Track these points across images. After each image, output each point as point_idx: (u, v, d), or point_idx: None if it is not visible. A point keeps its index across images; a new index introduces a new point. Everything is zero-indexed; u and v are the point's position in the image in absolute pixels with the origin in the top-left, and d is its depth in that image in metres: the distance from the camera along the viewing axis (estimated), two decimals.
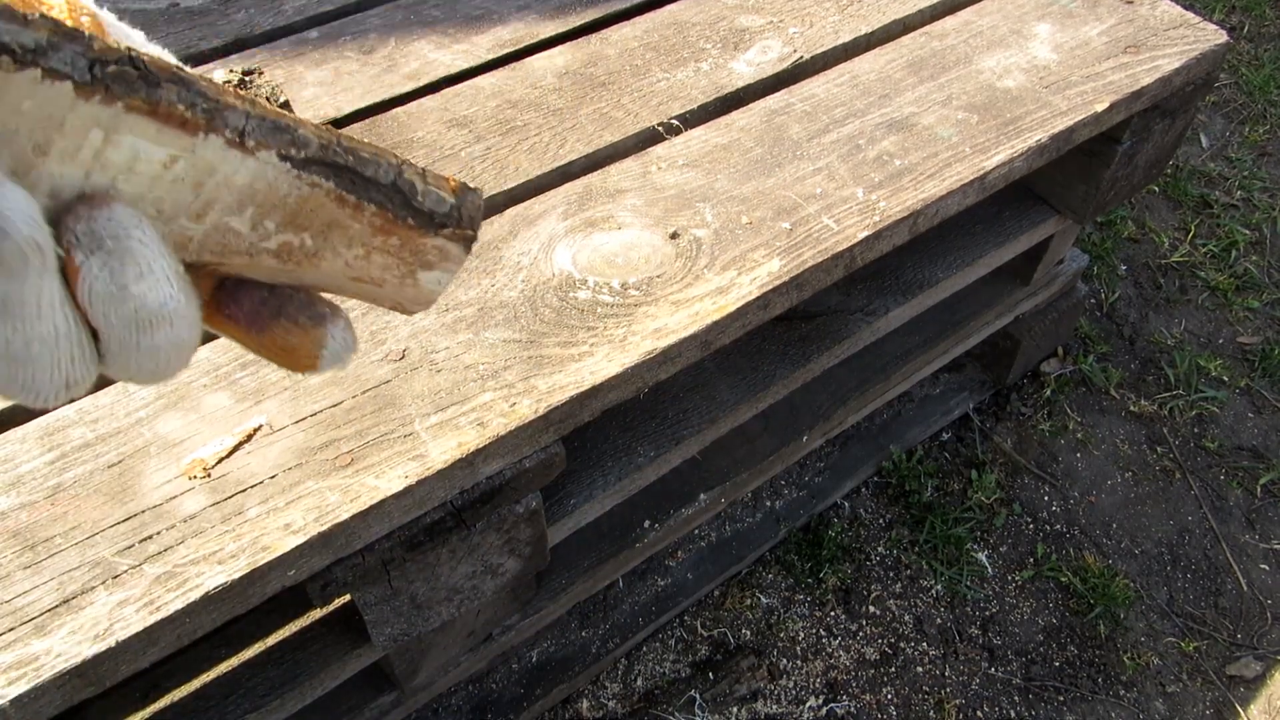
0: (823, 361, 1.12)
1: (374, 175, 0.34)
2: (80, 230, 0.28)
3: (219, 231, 0.32)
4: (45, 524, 0.66)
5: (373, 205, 0.34)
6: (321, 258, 0.35)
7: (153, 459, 0.70)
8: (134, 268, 0.28)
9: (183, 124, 0.29)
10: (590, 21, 1.11)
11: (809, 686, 1.37)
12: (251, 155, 0.30)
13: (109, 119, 0.28)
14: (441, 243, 0.36)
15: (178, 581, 0.63)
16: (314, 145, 0.32)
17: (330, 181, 0.33)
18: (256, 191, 0.32)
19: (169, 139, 0.29)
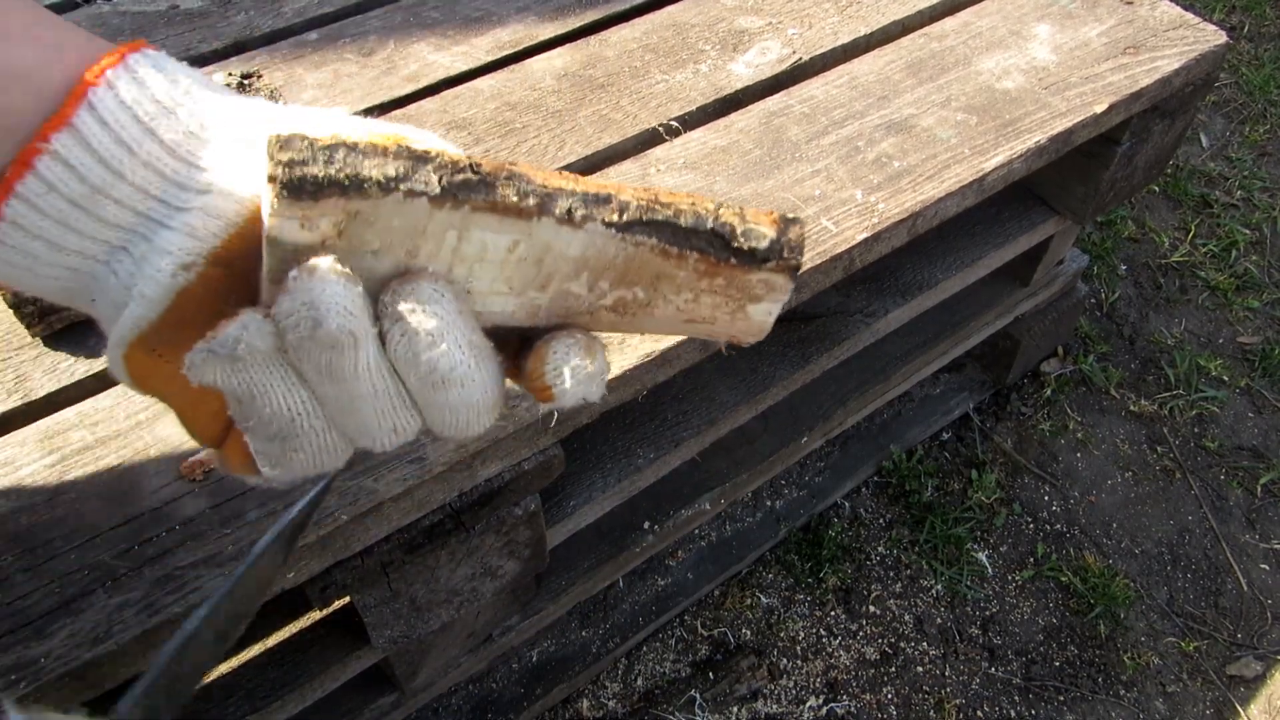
0: (822, 363, 1.12)
1: (692, 225, 0.36)
2: (388, 302, 0.33)
3: (561, 297, 0.37)
4: (45, 527, 0.66)
5: (695, 253, 0.37)
6: (654, 306, 0.38)
7: (152, 462, 0.70)
8: (426, 337, 0.32)
9: (519, 213, 0.33)
10: (589, 23, 1.11)
11: (809, 686, 1.37)
12: (580, 228, 0.35)
13: (460, 220, 0.33)
14: (766, 276, 0.38)
15: (177, 584, 0.64)
16: (633, 208, 0.35)
17: (652, 238, 0.36)
18: (589, 258, 0.36)
19: (509, 227, 0.34)
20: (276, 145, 0.30)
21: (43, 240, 0.32)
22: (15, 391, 0.75)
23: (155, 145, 0.33)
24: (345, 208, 0.32)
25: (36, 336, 0.78)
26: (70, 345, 0.78)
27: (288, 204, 0.31)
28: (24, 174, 0.31)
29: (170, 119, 0.33)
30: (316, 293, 0.30)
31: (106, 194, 0.32)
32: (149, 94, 0.33)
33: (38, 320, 0.76)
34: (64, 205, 0.32)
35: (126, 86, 0.32)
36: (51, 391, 0.75)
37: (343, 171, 0.31)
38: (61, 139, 0.31)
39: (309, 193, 0.31)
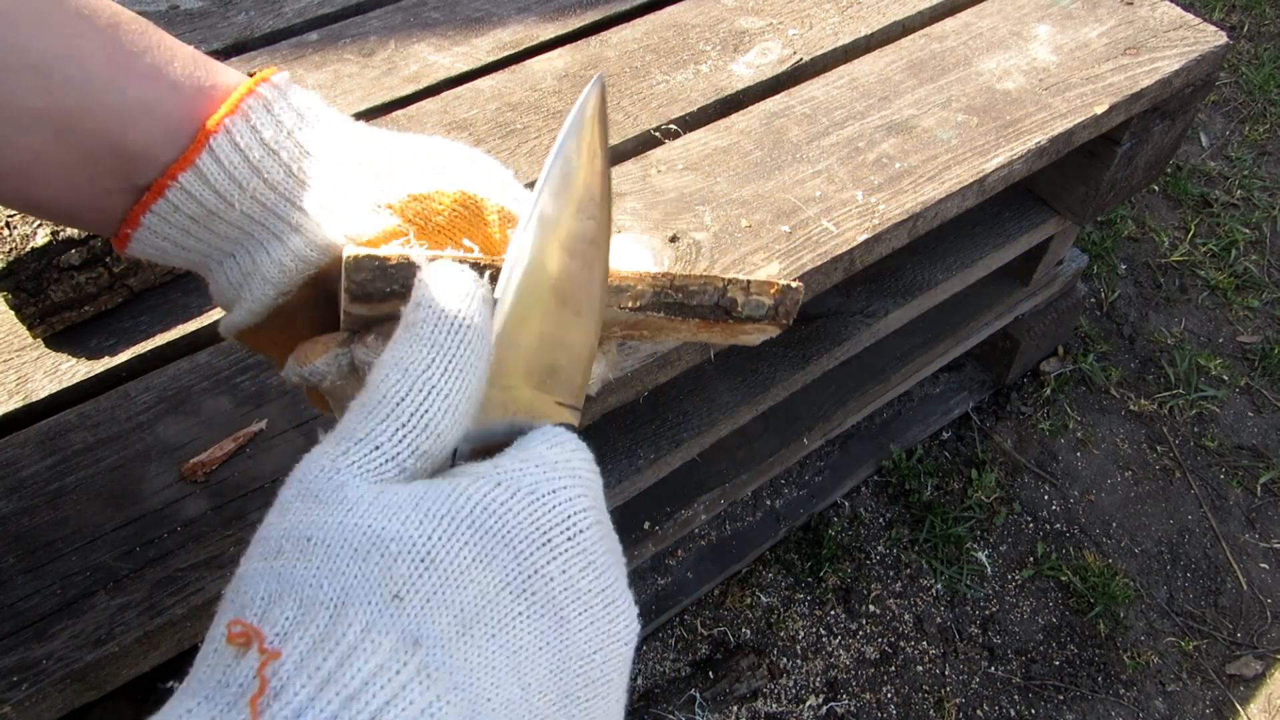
0: (823, 363, 1.12)
1: (699, 301, 0.44)
2: None
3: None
4: (46, 528, 0.66)
5: (696, 318, 0.44)
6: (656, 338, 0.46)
7: (153, 463, 0.70)
8: None
9: None
10: (590, 23, 1.11)
11: (809, 685, 1.37)
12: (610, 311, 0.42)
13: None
14: (759, 326, 0.46)
15: (178, 586, 0.64)
16: (647, 296, 0.43)
17: (660, 313, 0.43)
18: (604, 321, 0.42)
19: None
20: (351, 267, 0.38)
21: (170, 242, 0.41)
22: (16, 393, 0.75)
23: (259, 182, 0.41)
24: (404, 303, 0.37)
25: (38, 338, 0.78)
26: (71, 347, 0.78)
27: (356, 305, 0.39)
28: (157, 199, 0.39)
29: (275, 160, 0.41)
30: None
31: (220, 217, 0.41)
32: (259, 138, 0.40)
33: (39, 322, 0.76)
34: (186, 221, 0.40)
35: (241, 134, 0.40)
36: (53, 393, 0.75)
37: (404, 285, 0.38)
38: (187, 176, 0.39)
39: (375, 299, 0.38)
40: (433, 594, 0.27)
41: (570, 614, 0.30)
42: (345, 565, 0.27)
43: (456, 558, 0.28)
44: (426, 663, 0.26)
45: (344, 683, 0.25)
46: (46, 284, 0.74)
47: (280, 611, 0.26)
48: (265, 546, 0.29)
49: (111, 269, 0.77)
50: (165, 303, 0.82)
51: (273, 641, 0.26)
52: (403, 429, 0.31)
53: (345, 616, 0.26)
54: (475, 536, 0.29)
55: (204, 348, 0.78)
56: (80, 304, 0.77)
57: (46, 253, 0.73)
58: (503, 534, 0.29)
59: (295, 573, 0.27)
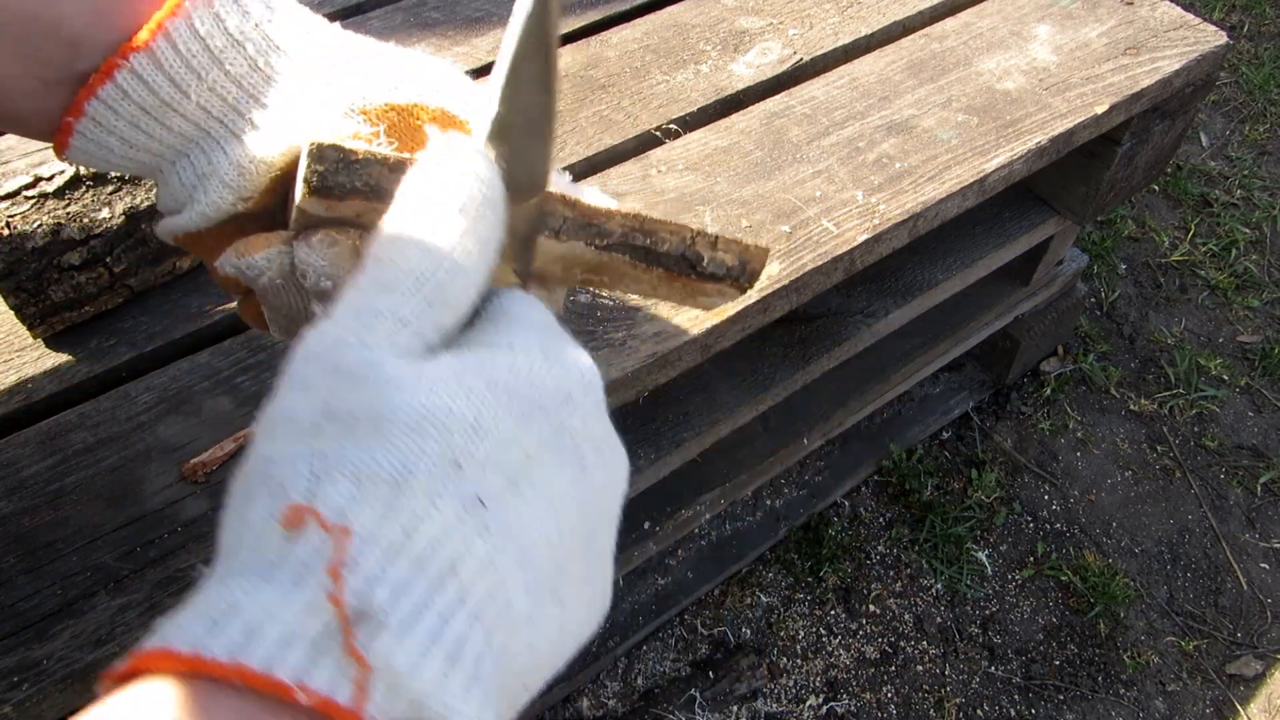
0: (823, 363, 1.12)
1: (666, 250, 0.44)
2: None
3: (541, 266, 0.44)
4: (47, 528, 0.66)
5: (660, 268, 0.44)
6: (614, 288, 0.46)
7: (153, 463, 0.70)
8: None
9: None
10: (590, 23, 1.11)
11: (809, 685, 1.37)
12: (563, 243, 0.42)
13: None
14: (719, 287, 0.46)
15: (179, 586, 0.64)
16: (615, 235, 0.43)
17: (626, 255, 0.43)
18: (566, 256, 0.43)
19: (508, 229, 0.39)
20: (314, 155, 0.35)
21: (116, 136, 0.39)
22: (17, 393, 0.75)
23: (221, 74, 0.39)
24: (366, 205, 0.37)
25: (38, 338, 0.78)
26: (72, 347, 0.78)
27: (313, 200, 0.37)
28: (104, 81, 0.37)
29: (239, 51, 0.39)
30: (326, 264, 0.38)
31: (174, 108, 0.39)
32: (222, 27, 0.38)
33: (39, 322, 0.76)
34: (136, 111, 0.38)
35: (201, 20, 0.38)
36: (53, 393, 0.75)
37: (368, 184, 0.36)
38: (138, 58, 0.37)
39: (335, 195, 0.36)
40: (486, 459, 0.29)
41: (588, 458, 0.33)
42: (401, 440, 0.28)
43: (502, 424, 0.30)
44: (484, 519, 0.28)
45: (414, 549, 0.26)
46: (47, 284, 0.74)
47: (334, 489, 0.27)
48: (295, 426, 0.29)
49: (112, 269, 0.77)
50: (165, 303, 0.82)
51: (333, 519, 0.26)
52: (429, 306, 0.31)
53: (408, 487, 0.27)
54: (515, 404, 0.31)
55: (204, 348, 0.78)
56: (80, 304, 0.77)
57: (46, 253, 0.73)
58: (536, 398, 0.32)
59: (344, 451, 0.27)
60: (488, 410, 0.30)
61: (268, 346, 0.77)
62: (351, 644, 0.24)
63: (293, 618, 0.24)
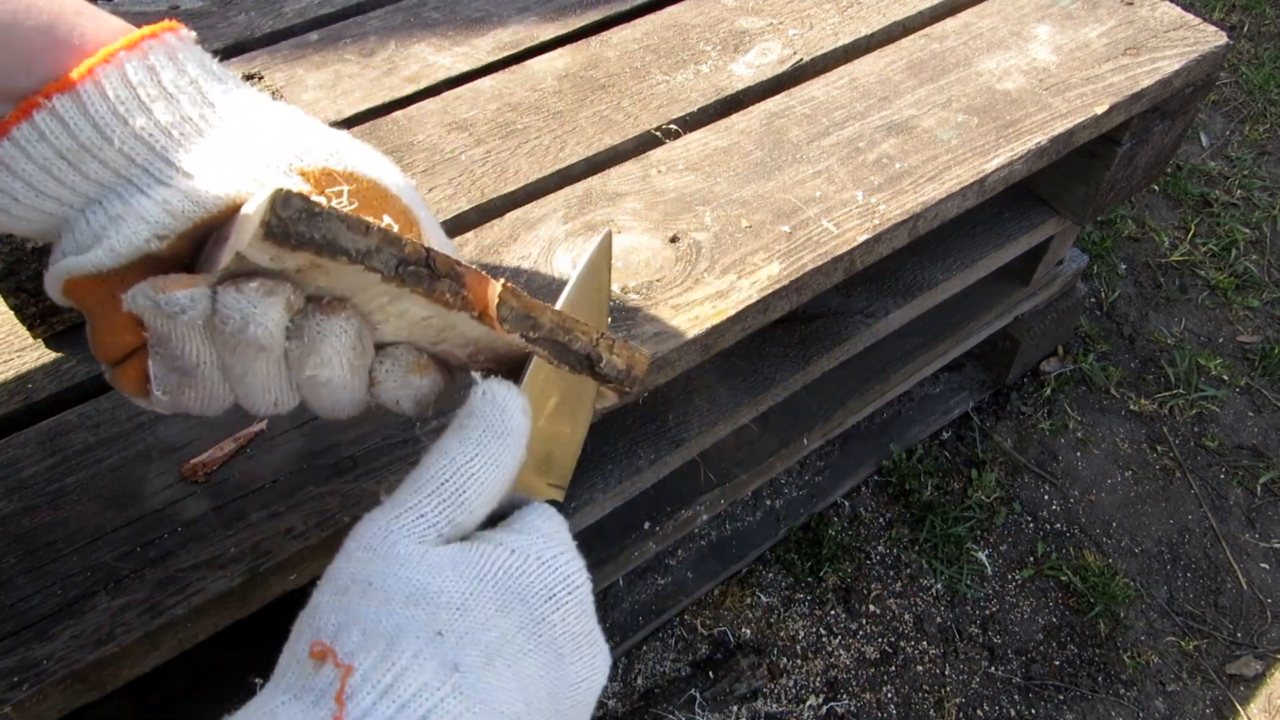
0: (823, 364, 1.12)
1: (576, 348, 0.47)
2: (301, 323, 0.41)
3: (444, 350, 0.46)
4: (47, 529, 0.66)
5: (566, 366, 0.47)
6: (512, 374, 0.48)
7: (154, 464, 0.70)
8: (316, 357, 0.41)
9: (445, 303, 0.41)
10: (590, 24, 1.11)
11: (809, 685, 1.37)
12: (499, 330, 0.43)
13: (397, 293, 0.41)
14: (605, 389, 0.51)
15: (179, 586, 0.64)
16: (545, 329, 0.45)
17: (545, 350, 0.46)
18: (481, 341, 0.45)
19: (432, 309, 0.42)
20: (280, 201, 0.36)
21: (23, 182, 0.37)
22: (17, 393, 0.75)
23: (149, 122, 0.38)
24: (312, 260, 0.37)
25: (38, 338, 0.78)
26: (72, 347, 0.78)
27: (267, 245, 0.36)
28: (20, 121, 0.36)
29: (170, 104, 0.39)
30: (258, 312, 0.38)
31: (93, 154, 0.38)
32: (156, 79, 0.38)
33: (39, 322, 0.76)
34: (51, 155, 0.37)
35: (134, 69, 0.38)
36: (53, 393, 0.75)
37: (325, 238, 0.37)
38: (61, 99, 0.36)
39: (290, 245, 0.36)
40: (466, 633, 0.35)
41: (566, 651, 0.39)
42: (399, 607, 0.35)
43: (484, 608, 0.36)
44: (460, 683, 0.34)
45: (398, 693, 0.33)
46: None
47: (348, 636, 0.34)
48: (335, 585, 0.37)
49: None
50: None
51: (344, 659, 0.34)
52: (444, 504, 0.39)
53: (399, 645, 0.34)
54: (497, 593, 0.37)
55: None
56: None
57: (47, 253, 0.73)
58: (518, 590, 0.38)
59: (359, 608, 0.35)
60: (473, 594, 0.36)
61: None
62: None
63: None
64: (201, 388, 0.42)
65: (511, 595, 0.38)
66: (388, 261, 0.39)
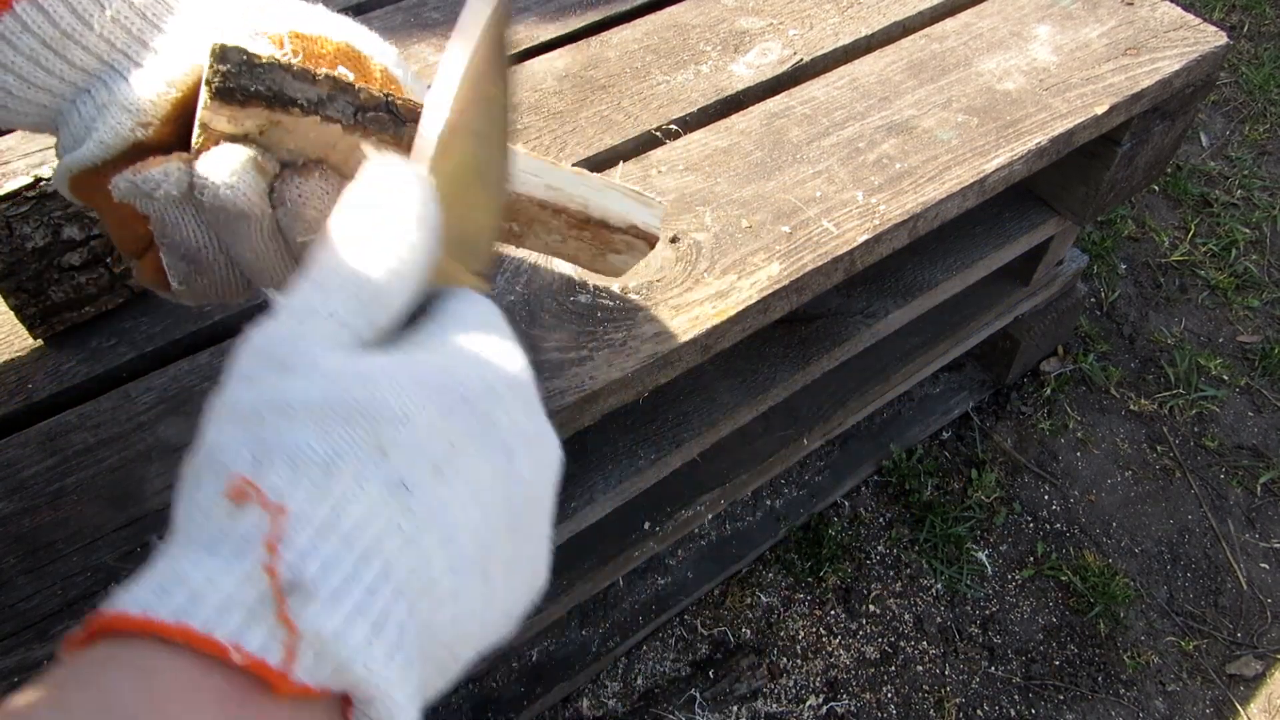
0: (823, 364, 1.12)
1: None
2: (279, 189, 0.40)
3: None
4: (47, 529, 0.66)
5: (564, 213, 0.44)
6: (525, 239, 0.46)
7: (154, 464, 0.70)
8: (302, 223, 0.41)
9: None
10: (590, 24, 1.11)
11: (809, 685, 1.37)
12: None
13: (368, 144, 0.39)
14: (629, 239, 0.47)
15: None
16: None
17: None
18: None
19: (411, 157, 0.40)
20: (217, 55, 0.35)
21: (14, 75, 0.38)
22: (17, 394, 0.75)
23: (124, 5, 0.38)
24: (269, 117, 0.37)
25: (38, 339, 0.78)
26: (72, 348, 0.78)
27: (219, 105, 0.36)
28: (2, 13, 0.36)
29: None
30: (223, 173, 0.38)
31: (75, 40, 0.38)
32: None
33: (39, 322, 0.76)
34: (36, 45, 0.37)
35: None
36: (53, 393, 0.75)
37: (271, 89, 0.36)
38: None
39: (238, 100, 0.36)
40: (410, 447, 0.31)
41: (515, 449, 0.35)
42: (332, 428, 0.30)
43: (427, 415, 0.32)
44: (408, 503, 0.30)
45: (340, 526, 0.28)
46: (47, 284, 0.74)
47: (272, 471, 0.29)
48: (236, 414, 0.31)
49: (112, 269, 0.77)
50: (166, 303, 0.82)
51: (271, 496, 0.28)
52: (363, 305, 0.34)
53: (337, 470, 0.29)
54: (440, 397, 0.33)
55: (204, 348, 0.78)
56: (81, 304, 0.77)
57: (47, 253, 0.73)
58: (461, 393, 0.33)
59: (282, 437, 0.30)
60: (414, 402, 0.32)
61: None
62: (284, 612, 0.26)
63: (232, 586, 0.26)
64: (212, 272, 0.43)
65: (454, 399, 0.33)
66: (344, 109, 0.37)
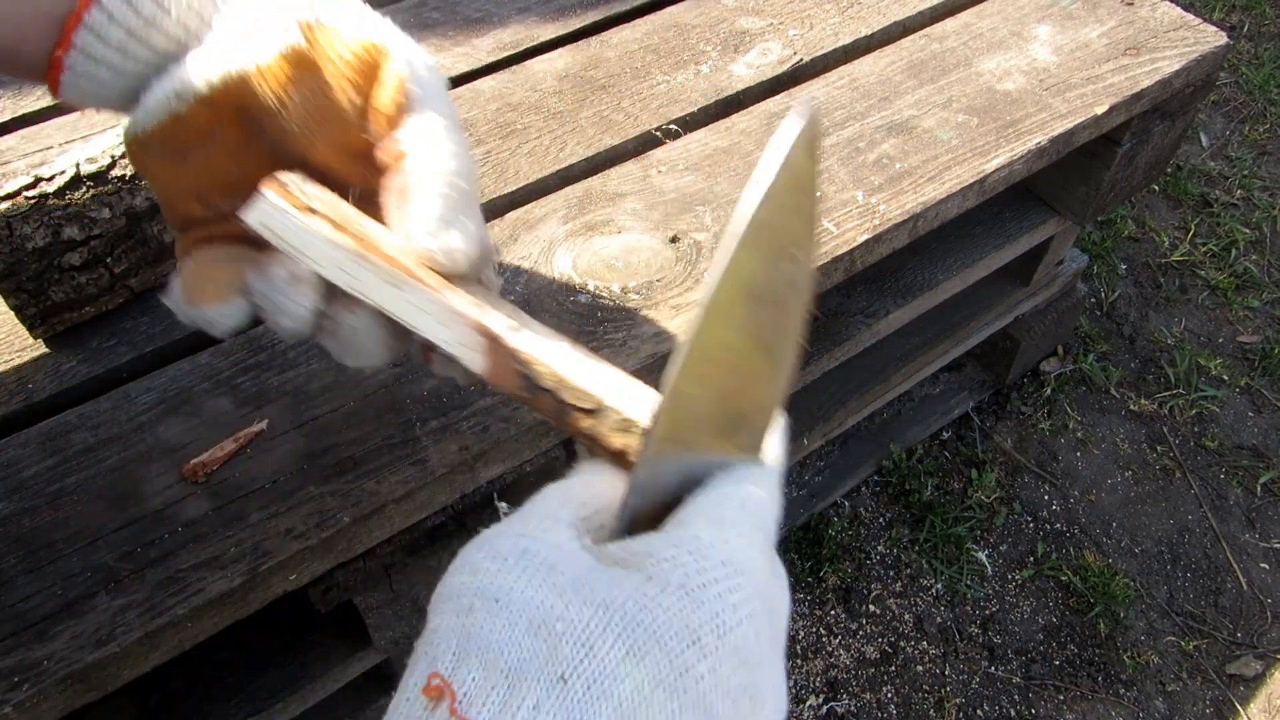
0: (823, 364, 1.12)
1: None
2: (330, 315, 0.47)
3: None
4: (47, 529, 0.66)
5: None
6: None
7: (154, 464, 0.70)
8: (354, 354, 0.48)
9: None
10: (590, 24, 1.11)
11: (809, 685, 1.37)
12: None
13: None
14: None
15: (179, 586, 0.64)
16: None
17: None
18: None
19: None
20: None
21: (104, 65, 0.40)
22: (17, 394, 0.75)
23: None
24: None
25: (38, 339, 0.78)
26: (72, 348, 0.78)
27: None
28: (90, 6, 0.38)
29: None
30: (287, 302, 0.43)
31: (157, 26, 0.40)
32: None
33: (40, 323, 0.76)
34: (122, 35, 0.39)
35: None
36: (53, 394, 0.75)
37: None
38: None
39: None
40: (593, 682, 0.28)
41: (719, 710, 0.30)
42: (520, 636, 0.29)
43: (612, 650, 0.29)
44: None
45: None
46: (47, 285, 0.74)
47: (468, 672, 0.28)
48: (458, 603, 0.31)
49: (112, 270, 0.77)
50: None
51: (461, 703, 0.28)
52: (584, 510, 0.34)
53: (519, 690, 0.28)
54: (629, 630, 0.29)
55: (204, 348, 0.78)
56: (81, 304, 0.77)
57: (47, 253, 0.73)
58: (654, 630, 0.29)
59: (482, 633, 0.29)
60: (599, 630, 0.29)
61: (267, 347, 0.77)
62: None
63: None
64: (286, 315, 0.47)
65: (646, 636, 0.29)
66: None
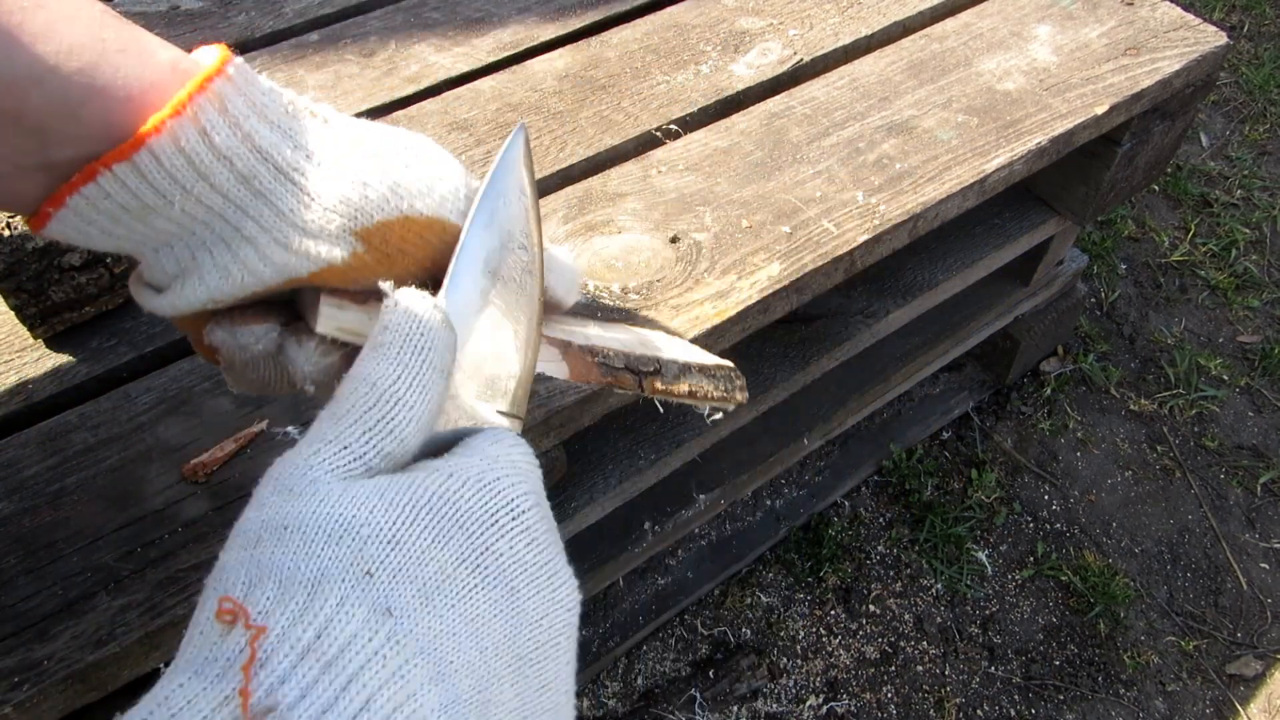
0: (823, 364, 1.12)
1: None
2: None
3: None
4: (48, 529, 0.66)
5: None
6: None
7: (154, 464, 0.70)
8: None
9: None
10: (590, 24, 1.11)
11: (809, 685, 1.37)
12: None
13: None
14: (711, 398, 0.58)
15: (179, 586, 0.64)
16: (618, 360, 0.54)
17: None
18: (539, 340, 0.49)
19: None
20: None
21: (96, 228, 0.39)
22: (17, 394, 0.75)
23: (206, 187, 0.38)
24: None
25: (39, 339, 0.78)
26: (72, 348, 0.78)
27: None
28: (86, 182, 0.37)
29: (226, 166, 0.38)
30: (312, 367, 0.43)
31: (157, 212, 0.38)
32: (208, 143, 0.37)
33: (40, 323, 0.76)
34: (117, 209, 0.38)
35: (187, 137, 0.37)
36: (53, 394, 0.75)
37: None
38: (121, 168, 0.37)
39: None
40: (399, 570, 0.31)
41: (519, 584, 0.34)
42: (320, 549, 0.31)
43: (418, 539, 0.32)
44: (395, 630, 0.30)
45: (323, 650, 0.28)
46: (47, 285, 0.74)
47: (261, 592, 0.29)
48: (245, 538, 0.32)
49: (112, 270, 0.77)
50: None
51: (256, 619, 0.29)
52: (368, 432, 0.35)
53: (322, 592, 0.29)
54: (433, 520, 0.33)
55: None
56: (81, 305, 0.77)
57: (47, 253, 0.73)
58: (456, 517, 0.33)
59: (273, 558, 0.30)
60: (405, 524, 0.32)
61: None
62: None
63: (209, 709, 0.27)
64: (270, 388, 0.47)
65: (449, 523, 0.33)
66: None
